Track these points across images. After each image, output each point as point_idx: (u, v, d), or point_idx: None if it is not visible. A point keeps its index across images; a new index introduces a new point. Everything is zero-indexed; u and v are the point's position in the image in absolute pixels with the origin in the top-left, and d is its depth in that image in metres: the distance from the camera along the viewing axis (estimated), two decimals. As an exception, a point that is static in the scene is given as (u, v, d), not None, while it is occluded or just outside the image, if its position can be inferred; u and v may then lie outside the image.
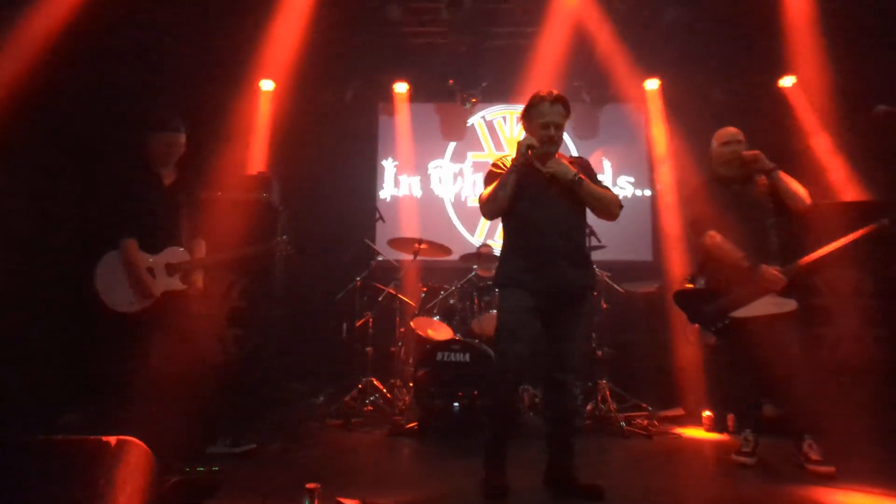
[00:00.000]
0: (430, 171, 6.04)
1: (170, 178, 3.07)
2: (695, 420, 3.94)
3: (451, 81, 5.52)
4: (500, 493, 2.34)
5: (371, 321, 4.44)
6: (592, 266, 2.81)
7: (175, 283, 2.97)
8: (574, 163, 2.60)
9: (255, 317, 4.10)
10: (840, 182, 4.65)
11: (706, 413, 3.85)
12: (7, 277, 3.52)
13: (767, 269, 2.81)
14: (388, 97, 5.89)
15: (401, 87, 5.78)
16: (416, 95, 5.91)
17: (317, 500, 1.98)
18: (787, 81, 5.19)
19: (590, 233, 4.05)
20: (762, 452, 2.93)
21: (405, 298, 4.49)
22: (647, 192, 5.95)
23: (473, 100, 5.57)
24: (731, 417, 3.66)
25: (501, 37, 5.36)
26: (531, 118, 2.55)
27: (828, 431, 2.87)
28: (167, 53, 4.64)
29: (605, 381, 4.02)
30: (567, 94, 2.56)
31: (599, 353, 4.14)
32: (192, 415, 2.67)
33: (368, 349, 4.36)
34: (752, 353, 2.89)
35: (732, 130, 3.10)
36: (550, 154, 2.51)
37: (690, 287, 3.17)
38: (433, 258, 4.64)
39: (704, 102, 5.56)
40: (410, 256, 4.43)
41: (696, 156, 4.80)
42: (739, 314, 2.89)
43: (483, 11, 4.95)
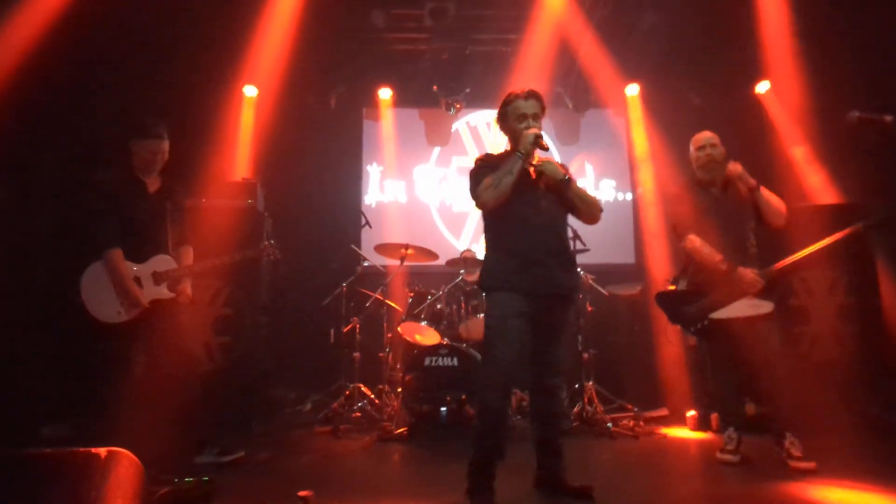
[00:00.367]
0: (415, 177, 6.06)
1: (154, 186, 3.04)
2: (679, 420, 4.01)
3: (436, 87, 5.56)
4: None
5: (358, 327, 4.43)
6: (577, 268, 2.84)
7: (163, 292, 2.94)
8: (563, 166, 2.63)
9: (242, 324, 4.07)
10: (816, 186, 4.79)
11: (690, 413, 3.92)
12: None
13: (745, 272, 2.88)
14: (373, 103, 5.92)
15: (385, 93, 5.81)
16: (401, 101, 5.94)
17: (310, 508, 1.97)
18: (763, 87, 5.34)
19: (574, 236, 4.12)
20: (745, 450, 2.99)
21: (392, 304, 4.49)
22: (629, 196, 6.04)
23: (458, 105, 5.61)
24: (715, 417, 3.73)
25: (485, 43, 5.41)
26: (507, 116, 2.55)
27: (808, 428, 2.95)
28: (149, 59, 4.59)
29: (592, 383, 4.08)
30: (549, 100, 2.61)
31: (585, 356, 4.19)
32: (180, 424, 2.65)
33: (356, 355, 4.35)
34: (733, 353, 2.96)
35: (707, 135, 3.18)
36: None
37: (672, 289, 3.24)
38: (420, 263, 4.66)
39: (684, 107, 5.69)
40: (397, 262, 4.44)
41: (677, 159, 4.91)
42: (717, 316, 2.96)
43: (466, 18, 4.99)
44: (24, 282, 3.75)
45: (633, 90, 5.72)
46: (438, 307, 4.15)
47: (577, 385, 4.13)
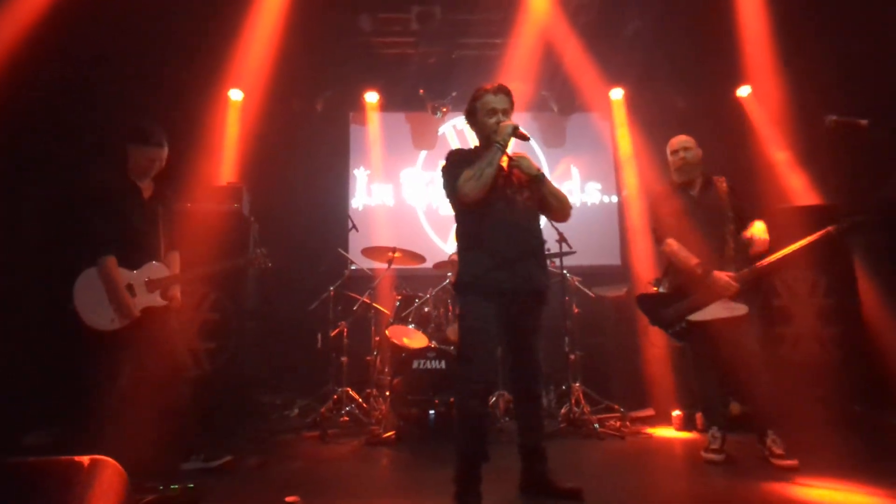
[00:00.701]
0: (402, 180, 6.07)
1: (148, 191, 3.03)
2: (665, 420, 4.05)
3: (422, 91, 5.58)
4: None
5: (345, 331, 4.42)
6: (546, 264, 2.74)
7: (155, 300, 2.92)
8: (538, 170, 2.63)
9: (228, 329, 4.04)
10: (796, 187, 4.88)
11: (676, 413, 3.96)
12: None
13: (719, 276, 2.92)
14: (359, 106, 5.92)
15: (371, 97, 5.82)
16: (387, 105, 5.95)
17: (297, 513, 1.97)
18: (744, 91, 5.44)
19: (560, 239, 4.15)
20: (729, 449, 3.03)
21: (380, 307, 4.49)
22: (615, 199, 6.10)
23: (444, 109, 5.63)
24: (700, 416, 3.78)
25: (471, 47, 5.45)
26: (476, 112, 2.51)
27: (790, 426, 3.00)
28: (134, 62, 4.55)
29: (579, 385, 4.10)
30: (535, 104, 2.62)
31: (572, 357, 4.21)
32: (166, 431, 2.62)
33: (343, 359, 4.34)
34: (714, 354, 3.01)
35: (681, 139, 3.23)
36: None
37: (652, 291, 3.29)
38: (407, 266, 4.66)
39: (667, 111, 5.77)
40: (384, 265, 4.44)
41: (661, 162, 4.97)
42: (694, 318, 3.02)
43: (453, 22, 5.03)
44: (4, 289, 3.68)
45: (618, 94, 5.79)
46: (426, 310, 4.15)
47: (565, 386, 4.15)
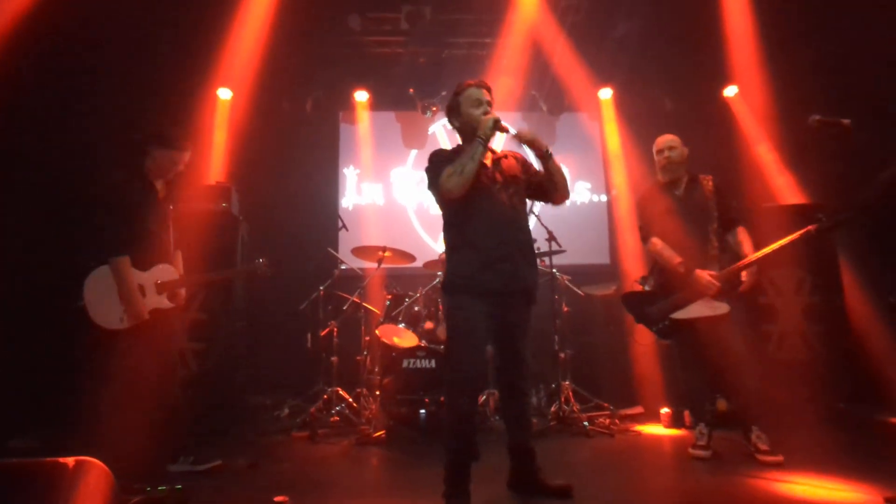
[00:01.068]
0: (393, 179, 6.06)
1: (162, 193, 3.05)
2: (654, 417, 4.08)
3: (412, 90, 5.57)
4: None
5: (335, 331, 4.41)
6: (536, 261, 2.71)
7: (163, 302, 2.95)
8: (517, 158, 2.63)
9: (217, 329, 4.02)
10: (781, 186, 4.94)
11: (664, 410, 4.00)
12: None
13: (701, 275, 2.96)
14: (349, 106, 5.90)
15: (361, 96, 5.80)
16: (377, 104, 5.94)
17: (286, 513, 1.96)
18: (731, 91, 5.50)
19: (550, 237, 4.17)
20: (717, 445, 3.07)
21: (370, 307, 4.48)
22: (604, 198, 6.14)
23: (434, 108, 5.63)
24: (688, 413, 3.81)
25: (461, 47, 5.46)
26: (460, 105, 2.52)
27: (775, 422, 3.04)
28: (123, 60, 4.49)
29: (568, 383, 4.13)
30: (525, 104, 2.63)
31: (562, 356, 4.24)
32: (155, 432, 2.61)
33: (333, 359, 4.33)
34: (699, 352, 3.05)
35: (667, 138, 3.27)
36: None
37: (638, 289, 3.32)
38: (397, 265, 4.65)
39: (656, 111, 5.81)
40: (374, 264, 4.43)
41: (649, 162, 5.01)
42: (677, 316, 3.06)
43: (443, 22, 5.03)
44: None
45: (607, 94, 5.83)
46: (416, 309, 4.15)
47: (554, 385, 4.17)
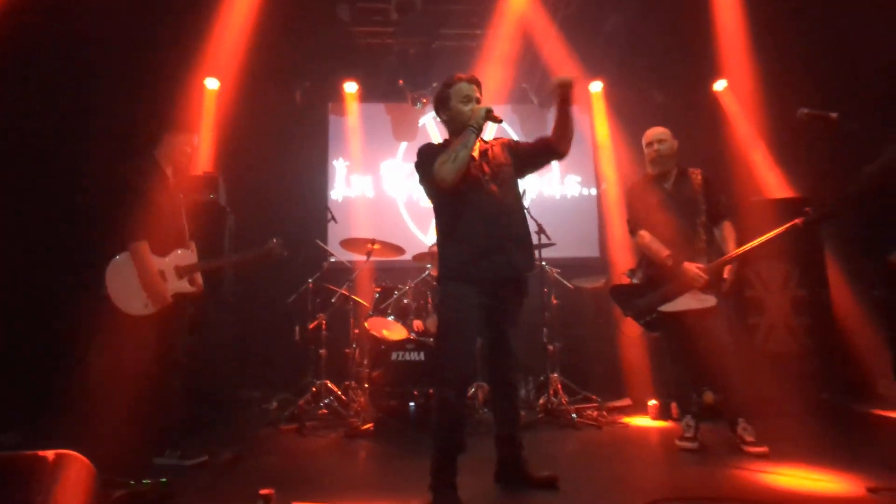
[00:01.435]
0: (382, 171, 6.03)
1: (173, 179, 3.04)
2: (641, 409, 4.11)
3: (402, 82, 5.52)
4: None
5: (324, 323, 4.39)
6: (533, 249, 2.73)
7: (184, 286, 2.97)
8: (506, 144, 2.61)
9: (205, 322, 3.97)
10: (770, 180, 4.98)
11: (651, 402, 4.02)
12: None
13: (689, 268, 2.97)
14: (338, 97, 5.85)
15: (351, 87, 5.76)
16: (367, 95, 5.90)
17: (272, 506, 1.95)
18: (720, 85, 5.51)
19: (539, 230, 4.17)
20: (703, 437, 3.09)
21: (359, 299, 4.46)
22: (594, 191, 6.14)
23: (424, 100, 5.59)
24: (675, 405, 3.84)
25: (451, 38, 5.42)
26: (449, 98, 2.49)
27: (761, 414, 3.06)
28: (109, 49, 4.40)
29: (557, 375, 4.14)
30: (515, 96, 2.61)
31: (551, 348, 4.25)
32: (143, 424, 2.59)
33: (322, 352, 4.31)
34: (687, 344, 3.06)
35: (656, 131, 3.26)
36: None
37: (626, 282, 3.33)
38: (386, 258, 4.63)
39: (646, 104, 5.81)
40: (363, 257, 4.41)
41: (638, 155, 5.02)
42: (665, 309, 3.07)
43: (433, 13, 4.98)
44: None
45: (597, 87, 5.82)
46: (405, 302, 4.14)
47: (543, 377, 4.19)
